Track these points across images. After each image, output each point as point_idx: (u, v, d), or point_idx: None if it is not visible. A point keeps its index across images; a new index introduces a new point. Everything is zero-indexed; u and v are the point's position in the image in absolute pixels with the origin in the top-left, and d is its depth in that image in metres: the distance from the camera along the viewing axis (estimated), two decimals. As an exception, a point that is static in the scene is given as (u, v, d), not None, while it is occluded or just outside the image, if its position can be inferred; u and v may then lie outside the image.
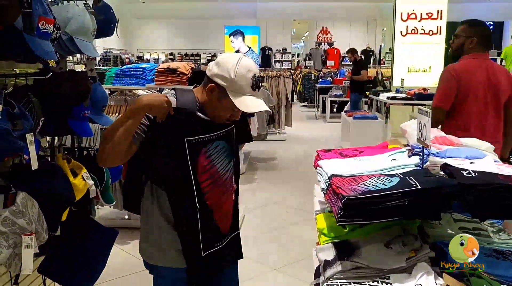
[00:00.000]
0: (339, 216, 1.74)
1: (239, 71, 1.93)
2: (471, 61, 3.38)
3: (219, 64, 1.97)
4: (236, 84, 1.93)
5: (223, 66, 1.95)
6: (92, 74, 2.96)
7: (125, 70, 5.13)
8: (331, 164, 2.15)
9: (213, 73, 1.98)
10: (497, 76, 3.36)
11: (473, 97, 3.30)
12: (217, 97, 1.98)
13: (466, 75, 3.32)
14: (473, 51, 3.40)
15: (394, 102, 8.51)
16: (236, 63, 1.93)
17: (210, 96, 2.00)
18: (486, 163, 2.04)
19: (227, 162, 2.13)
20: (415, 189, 1.73)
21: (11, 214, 1.99)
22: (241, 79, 1.93)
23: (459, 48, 3.50)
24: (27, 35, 1.99)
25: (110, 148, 1.86)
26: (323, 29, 20.93)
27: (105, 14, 2.80)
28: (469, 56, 3.40)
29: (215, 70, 1.97)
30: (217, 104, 1.99)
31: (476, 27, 3.46)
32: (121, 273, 4.01)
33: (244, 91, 1.95)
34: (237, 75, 1.92)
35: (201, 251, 2.05)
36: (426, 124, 2.00)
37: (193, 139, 1.99)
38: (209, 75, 2.00)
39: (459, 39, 3.50)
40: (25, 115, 2.01)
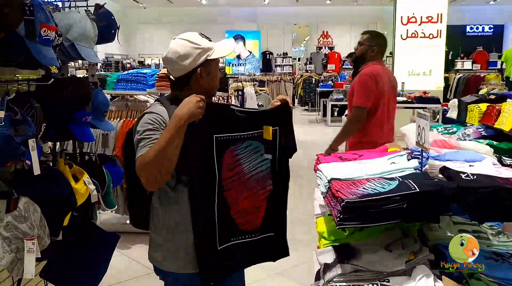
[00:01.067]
0: (338, 220, 1.75)
1: (194, 39, 2.03)
2: (377, 67, 3.86)
3: (182, 57, 2.01)
4: (207, 47, 2.03)
5: (186, 52, 2.01)
6: (93, 79, 2.98)
7: (126, 76, 5.15)
8: (330, 167, 2.16)
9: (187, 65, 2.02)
10: (393, 81, 4.04)
11: (384, 98, 3.79)
12: (206, 74, 2.06)
13: (379, 78, 3.77)
14: (374, 58, 3.89)
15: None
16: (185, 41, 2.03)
17: (202, 80, 2.05)
18: (485, 166, 2.05)
19: (257, 162, 2.11)
20: (414, 192, 1.74)
21: (13, 219, 2.00)
22: (202, 41, 2.04)
23: (362, 54, 3.95)
24: (29, 41, 2.02)
25: (165, 170, 1.84)
26: (324, 33, 20.96)
27: (106, 20, 2.83)
28: (374, 63, 3.87)
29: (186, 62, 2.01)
30: (210, 78, 2.07)
31: (378, 39, 3.96)
32: (123, 277, 4.02)
33: (212, 46, 2.06)
34: (198, 42, 2.02)
35: (217, 245, 2.04)
36: (425, 127, 2.01)
37: (222, 136, 1.99)
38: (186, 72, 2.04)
39: (363, 47, 3.94)
40: (27, 121, 2.03)
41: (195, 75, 2.03)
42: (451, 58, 15.69)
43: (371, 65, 3.86)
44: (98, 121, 2.76)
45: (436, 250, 1.88)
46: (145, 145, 1.86)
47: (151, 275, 4.08)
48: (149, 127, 1.92)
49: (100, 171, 2.79)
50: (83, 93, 2.53)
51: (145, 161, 1.81)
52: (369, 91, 3.71)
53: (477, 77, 12.88)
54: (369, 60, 3.90)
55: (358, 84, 3.78)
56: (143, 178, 1.85)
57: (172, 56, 2.03)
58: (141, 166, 1.83)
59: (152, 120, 1.94)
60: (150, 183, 1.87)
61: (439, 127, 3.67)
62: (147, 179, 1.85)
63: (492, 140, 3.09)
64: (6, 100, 1.99)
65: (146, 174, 1.83)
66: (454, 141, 2.41)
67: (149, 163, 1.81)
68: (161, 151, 1.80)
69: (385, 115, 3.86)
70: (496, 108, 3.44)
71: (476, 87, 10.88)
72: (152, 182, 1.87)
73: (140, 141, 1.89)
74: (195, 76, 2.04)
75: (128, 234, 4.76)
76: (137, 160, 1.85)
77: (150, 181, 1.86)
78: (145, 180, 1.85)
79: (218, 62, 2.13)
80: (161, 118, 1.95)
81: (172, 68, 2.07)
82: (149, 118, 1.94)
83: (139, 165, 1.83)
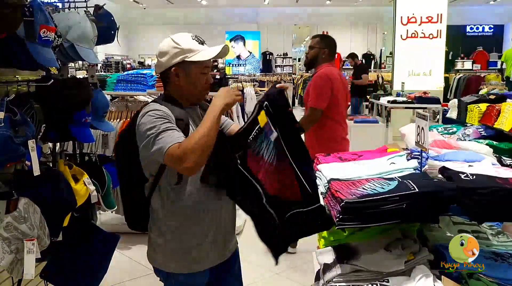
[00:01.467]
0: (338, 220, 1.75)
1: (178, 39, 2.03)
2: (331, 69, 4.04)
3: (162, 54, 2.04)
4: (187, 48, 2.01)
5: (165, 49, 2.03)
6: (93, 80, 2.98)
7: (126, 76, 5.16)
8: (330, 168, 2.16)
9: (164, 63, 2.04)
10: (344, 81, 4.27)
11: (338, 98, 4.00)
12: (184, 75, 2.04)
13: (334, 79, 3.96)
14: (326, 60, 4.06)
15: (395, 106, 8.52)
16: (170, 39, 2.04)
17: (179, 81, 2.05)
18: (484, 166, 2.05)
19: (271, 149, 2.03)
20: (413, 192, 1.74)
21: (13, 219, 2.00)
22: (185, 42, 2.02)
23: (314, 58, 4.10)
24: (29, 43, 2.02)
25: (206, 156, 1.85)
26: (324, 34, 20.96)
27: (106, 21, 2.84)
28: (328, 65, 4.04)
29: (163, 59, 2.03)
30: (188, 80, 2.05)
31: (328, 41, 4.13)
32: (122, 278, 4.02)
33: (197, 48, 2.03)
34: (180, 43, 2.02)
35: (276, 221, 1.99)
36: (424, 127, 2.01)
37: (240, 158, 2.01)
38: (163, 69, 2.06)
39: (314, 50, 4.09)
40: (27, 122, 2.03)
41: (172, 74, 2.04)
42: (451, 58, 15.69)
43: (325, 66, 4.03)
44: (98, 122, 2.77)
45: (435, 251, 1.88)
46: (170, 135, 1.84)
47: (151, 275, 4.08)
48: (163, 120, 1.90)
49: (100, 172, 2.79)
50: (83, 94, 2.53)
51: (190, 146, 1.80)
52: (323, 93, 3.91)
53: (477, 77, 12.87)
54: (321, 62, 4.06)
55: (313, 86, 3.96)
56: (190, 163, 1.80)
57: (156, 52, 2.08)
58: (186, 151, 1.79)
59: (160, 115, 1.92)
60: (196, 167, 1.86)
61: (439, 127, 3.66)
62: (196, 163, 1.83)
63: (492, 140, 3.08)
64: (6, 101, 1.99)
65: (194, 158, 1.81)
66: (453, 141, 2.41)
67: (195, 148, 1.80)
68: (205, 136, 1.83)
69: (339, 113, 4.10)
70: (496, 108, 3.43)
71: (476, 87, 10.89)
72: (197, 167, 1.87)
73: (159, 134, 1.85)
74: (171, 74, 2.04)
75: (128, 235, 4.73)
76: (171, 148, 1.80)
77: (194, 163, 1.82)
78: (192, 165, 1.81)
79: (205, 67, 2.08)
80: (165, 112, 1.94)
81: (155, 64, 2.13)
82: (156, 114, 1.92)
83: (184, 151, 1.79)
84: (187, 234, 2.04)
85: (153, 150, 1.85)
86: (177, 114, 1.99)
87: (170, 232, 2.06)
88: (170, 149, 1.80)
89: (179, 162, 1.81)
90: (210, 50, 2.06)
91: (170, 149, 1.80)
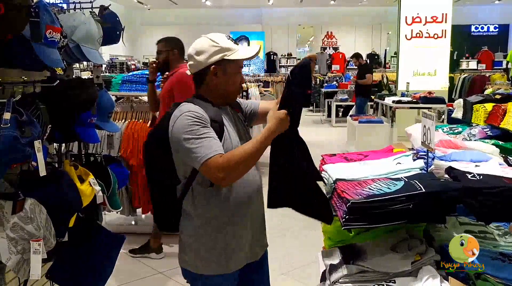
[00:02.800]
0: (344, 220, 1.75)
1: (216, 38, 2.04)
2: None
3: (199, 52, 2.03)
4: (226, 47, 2.02)
5: (204, 48, 2.03)
6: (98, 81, 2.98)
7: (131, 77, 5.16)
8: (336, 168, 2.15)
9: (202, 61, 2.03)
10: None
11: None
12: (222, 73, 2.04)
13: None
14: (177, 61, 4.02)
15: (400, 106, 8.50)
16: (207, 38, 2.04)
17: (216, 79, 2.05)
18: (491, 166, 2.05)
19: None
20: (420, 192, 1.73)
21: (19, 220, 2.01)
22: (223, 41, 2.03)
23: (166, 61, 4.03)
24: (35, 43, 2.02)
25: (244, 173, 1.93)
26: (328, 34, 20.94)
27: (111, 21, 2.84)
28: (182, 65, 3.97)
29: (201, 58, 2.03)
30: (225, 79, 2.05)
31: (174, 41, 4.07)
32: (128, 278, 4.03)
33: (234, 47, 2.05)
34: (218, 41, 2.02)
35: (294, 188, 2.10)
36: (430, 127, 2.00)
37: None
38: (200, 68, 2.05)
39: (163, 54, 4.03)
40: (33, 122, 2.04)
41: (210, 73, 2.03)
42: (456, 58, 15.64)
43: (180, 66, 3.97)
44: (103, 122, 2.77)
45: (442, 251, 1.88)
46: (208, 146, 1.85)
47: (156, 276, 4.10)
48: (199, 125, 1.89)
49: (105, 172, 2.79)
50: (88, 94, 2.53)
51: (234, 162, 1.84)
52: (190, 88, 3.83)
53: (482, 77, 12.82)
54: (175, 62, 4.02)
55: (178, 84, 3.85)
56: (229, 179, 1.88)
57: (191, 51, 2.06)
58: (229, 166, 1.83)
59: (196, 118, 1.91)
60: (230, 181, 1.91)
61: (445, 127, 3.66)
62: (232, 177, 1.89)
63: (498, 140, 3.07)
64: (12, 102, 2.00)
65: (235, 175, 1.89)
66: (459, 141, 2.40)
67: (238, 165, 1.86)
68: (250, 157, 1.88)
69: None
70: (502, 108, 3.43)
71: (481, 87, 10.85)
72: (232, 180, 1.92)
73: (196, 141, 1.85)
74: (210, 73, 2.03)
75: (133, 235, 4.77)
76: (212, 160, 1.82)
77: (231, 179, 1.90)
78: (231, 181, 1.91)
79: (239, 67, 2.10)
80: (201, 114, 1.93)
81: (189, 63, 2.09)
82: (192, 116, 1.91)
83: (226, 166, 1.83)
84: (220, 234, 2.03)
85: (189, 157, 1.87)
86: (212, 114, 1.97)
87: (203, 233, 2.04)
88: (211, 162, 1.82)
89: (217, 175, 1.83)
90: (247, 49, 2.08)
91: (211, 162, 1.82)
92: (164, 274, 4.14)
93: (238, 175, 1.90)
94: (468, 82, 12.76)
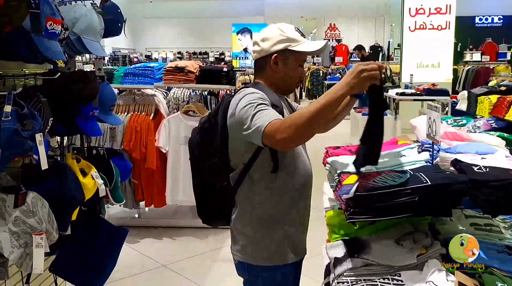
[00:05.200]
0: (348, 213, 1.73)
1: (284, 28, 2.02)
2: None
3: (265, 39, 2.02)
4: (292, 37, 2.00)
5: (270, 36, 2.01)
6: (100, 73, 2.96)
7: (134, 69, 5.14)
8: (340, 160, 2.13)
9: (266, 48, 2.01)
10: None
11: None
12: (283, 63, 2.03)
13: None
14: None
15: (403, 98, 8.46)
16: (276, 27, 2.03)
17: (276, 68, 2.03)
18: (497, 158, 2.02)
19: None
20: (425, 185, 1.71)
21: (21, 214, 2.00)
22: (291, 32, 2.02)
23: None
24: (35, 35, 2.00)
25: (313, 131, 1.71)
26: (331, 26, 20.86)
27: (113, 13, 2.81)
28: None
29: (265, 44, 2.01)
30: (286, 69, 2.04)
31: None
32: (132, 272, 4.03)
33: (300, 39, 2.02)
34: (286, 31, 2.01)
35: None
36: (436, 119, 1.98)
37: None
38: (262, 55, 2.03)
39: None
40: (34, 115, 2.02)
41: (271, 61, 2.02)
42: (459, 50, 15.54)
43: None
44: (105, 115, 2.75)
45: (447, 244, 1.86)
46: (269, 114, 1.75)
47: (160, 269, 4.10)
48: (260, 101, 1.83)
49: (108, 166, 2.78)
50: (90, 87, 2.51)
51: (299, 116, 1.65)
52: None
53: (486, 68, 12.75)
54: None
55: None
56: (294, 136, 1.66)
57: (256, 38, 2.06)
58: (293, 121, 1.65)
59: (258, 98, 1.85)
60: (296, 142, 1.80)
61: (449, 119, 3.63)
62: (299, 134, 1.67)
63: (503, 132, 3.05)
64: (13, 95, 1.98)
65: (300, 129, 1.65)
66: (465, 133, 2.37)
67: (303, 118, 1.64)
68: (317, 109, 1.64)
69: None
70: (507, 99, 3.40)
71: (485, 79, 10.78)
72: (298, 142, 1.82)
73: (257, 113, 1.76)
74: (271, 61, 2.02)
75: (137, 228, 4.78)
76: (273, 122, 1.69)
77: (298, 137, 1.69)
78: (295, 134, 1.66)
79: (302, 60, 2.09)
80: (264, 95, 1.90)
81: (253, 49, 2.08)
82: (254, 96, 1.86)
83: (288, 121, 1.67)
84: (281, 223, 2.03)
85: (251, 131, 1.76)
86: (272, 99, 1.93)
87: (263, 222, 2.02)
88: (273, 124, 1.69)
89: (281, 135, 1.66)
90: (312, 43, 2.05)
91: (273, 124, 1.69)
92: (167, 267, 4.14)
93: (305, 132, 1.67)
94: (472, 74, 12.69)
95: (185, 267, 4.14)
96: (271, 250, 2.03)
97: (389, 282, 1.70)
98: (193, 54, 20.79)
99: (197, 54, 20.81)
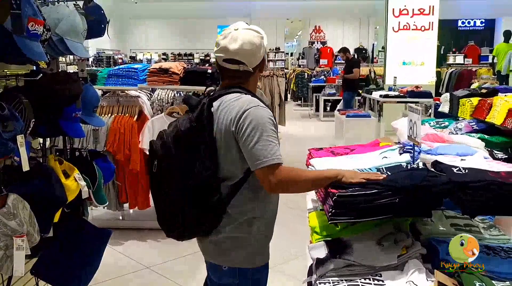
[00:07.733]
0: (330, 214, 1.75)
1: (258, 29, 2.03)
2: None
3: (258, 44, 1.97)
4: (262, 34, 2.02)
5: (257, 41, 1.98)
6: (83, 75, 2.95)
7: (117, 71, 5.11)
8: (322, 162, 2.15)
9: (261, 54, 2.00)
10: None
11: None
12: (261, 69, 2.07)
13: None
14: None
15: (387, 100, 8.54)
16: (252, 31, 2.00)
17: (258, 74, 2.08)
18: (477, 160, 2.06)
19: None
20: (406, 186, 1.74)
21: (2, 216, 1.97)
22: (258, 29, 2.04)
23: None
24: (17, 36, 1.98)
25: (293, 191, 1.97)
26: (316, 28, 20.94)
27: (96, 14, 2.79)
28: None
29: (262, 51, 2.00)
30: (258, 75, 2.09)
31: None
32: (115, 274, 4.00)
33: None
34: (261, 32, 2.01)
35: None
36: (416, 121, 2.01)
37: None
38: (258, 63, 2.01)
39: None
40: (15, 117, 2.00)
41: (260, 67, 2.04)
42: (443, 53, 15.73)
43: None
44: (88, 117, 2.73)
45: (428, 245, 1.88)
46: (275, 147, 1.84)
47: (143, 271, 4.08)
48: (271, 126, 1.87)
49: (91, 167, 2.76)
50: (73, 88, 2.50)
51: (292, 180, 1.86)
52: None
53: (468, 71, 12.92)
54: None
55: None
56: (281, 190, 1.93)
57: (251, 47, 1.95)
58: (287, 182, 1.84)
59: (270, 117, 1.88)
60: (278, 191, 1.95)
61: (431, 121, 3.68)
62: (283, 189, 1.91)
63: (483, 134, 3.09)
64: (-6, 96, 1.96)
65: (287, 190, 1.92)
66: (446, 135, 2.41)
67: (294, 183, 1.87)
68: (307, 184, 1.91)
69: None
70: (488, 102, 3.44)
71: (468, 81, 10.93)
72: (279, 192, 1.97)
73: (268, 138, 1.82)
74: (260, 67, 2.04)
75: (120, 230, 4.74)
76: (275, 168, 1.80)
77: (281, 190, 1.92)
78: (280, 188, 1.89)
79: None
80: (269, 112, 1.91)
81: (250, 60, 1.97)
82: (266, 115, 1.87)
83: (286, 178, 1.83)
84: (271, 226, 2.08)
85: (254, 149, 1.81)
86: (265, 101, 2.00)
87: (259, 226, 2.00)
88: (274, 167, 1.81)
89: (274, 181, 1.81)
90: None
91: (274, 167, 1.81)
92: (151, 269, 4.12)
93: (288, 190, 1.92)
94: (455, 77, 12.84)
95: (169, 269, 4.13)
96: (259, 252, 2.05)
97: (370, 282, 1.73)
98: (178, 56, 20.72)
99: (182, 56, 20.74)
